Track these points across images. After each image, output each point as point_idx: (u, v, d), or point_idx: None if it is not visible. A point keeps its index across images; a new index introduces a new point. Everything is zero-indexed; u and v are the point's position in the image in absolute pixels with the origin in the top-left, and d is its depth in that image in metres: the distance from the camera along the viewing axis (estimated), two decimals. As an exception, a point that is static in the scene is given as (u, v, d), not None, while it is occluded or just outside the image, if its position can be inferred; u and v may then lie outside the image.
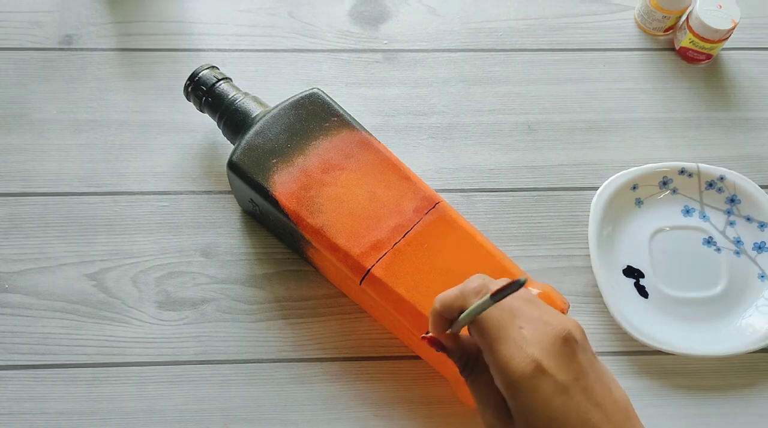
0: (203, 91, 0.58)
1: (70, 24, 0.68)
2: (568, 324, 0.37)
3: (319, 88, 0.57)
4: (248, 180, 0.54)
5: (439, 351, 0.41)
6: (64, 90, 0.65)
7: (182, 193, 0.62)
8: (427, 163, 0.64)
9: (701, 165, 0.62)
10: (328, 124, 0.55)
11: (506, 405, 0.37)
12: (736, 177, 0.61)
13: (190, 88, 0.59)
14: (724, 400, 0.56)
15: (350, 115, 0.56)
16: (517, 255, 0.60)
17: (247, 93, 0.58)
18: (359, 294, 0.54)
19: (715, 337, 0.57)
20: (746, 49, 0.71)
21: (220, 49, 0.68)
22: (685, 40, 0.68)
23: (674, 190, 0.62)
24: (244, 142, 0.54)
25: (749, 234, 0.61)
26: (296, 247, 0.57)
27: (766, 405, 0.56)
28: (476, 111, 0.67)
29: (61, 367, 0.55)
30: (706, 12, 0.65)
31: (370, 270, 0.51)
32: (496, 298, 0.35)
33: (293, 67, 0.68)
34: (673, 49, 0.71)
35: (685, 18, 0.68)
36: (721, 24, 0.65)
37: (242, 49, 0.68)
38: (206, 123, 0.62)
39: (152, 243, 0.59)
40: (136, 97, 0.65)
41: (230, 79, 0.60)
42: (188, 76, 0.59)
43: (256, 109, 0.57)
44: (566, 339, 0.36)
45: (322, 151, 0.54)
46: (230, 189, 0.59)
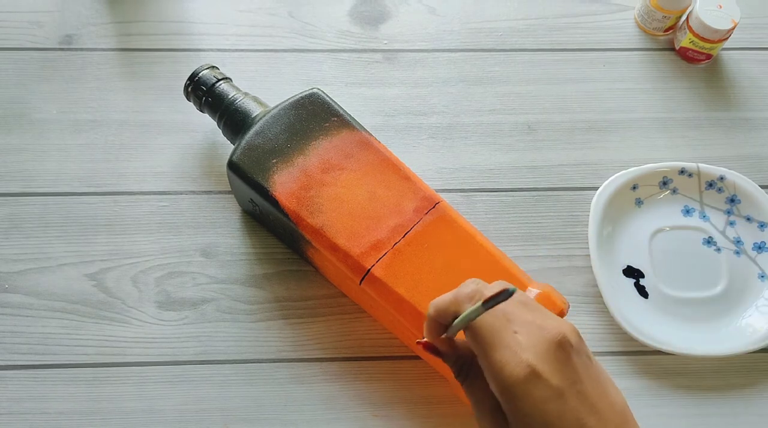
0: (203, 91, 0.58)
1: (70, 24, 0.68)
2: (563, 327, 0.37)
3: (319, 88, 0.57)
4: (248, 180, 0.54)
5: (434, 356, 0.41)
6: (64, 90, 0.65)
7: (182, 193, 0.62)
8: (427, 163, 0.64)
9: (701, 165, 0.62)
10: (328, 124, 0.55)
11: (501, 409, 0.37)
12: (736, 177, 0.61)
13: (190, 88, 0.59)
14: (724, 400, 0.56)
15: (350, 115, 0.56)
16: (517, 255, 0.60)
17: (247, 93, 0.58)
18: (359, 294, 0.54)
19: (715, 337, 0.57)
20: (746, 49, 0.71)
21: (220, 49, 0.68)
22: (685, 40, 0.68)
23: (674, 190, 0.62)
24: (244, 142, 0.54)
25: (749, 234, 0.61)
26: (296, 247, 0.57)
27: (766, 405, 0.56)
28: (476, 111, 0.67)
29: (61, 367, 0.55)
30: (706, 12, 0.65)
31: (370, 270, 0.51)
32: (487, 306, 0.35)
33: (293, 67, 0.68)
34: (673, 49, 0.71)
35: (685, 18, 0.68)
36: (721, 24, 0.65)
37: (242, 49, 0.68)
38: (206, 123, 0.62)
39: (152, 243, 0.59)
40: (136, 97, 0.65)
41: (230, 79, 0.60)
42: (188, 76, 0.59)
43: (256, 109, 0.57)
44: (561, 343, 0.36)
45: (322, 151, 0.54)
46: (230, 189, 0.59)
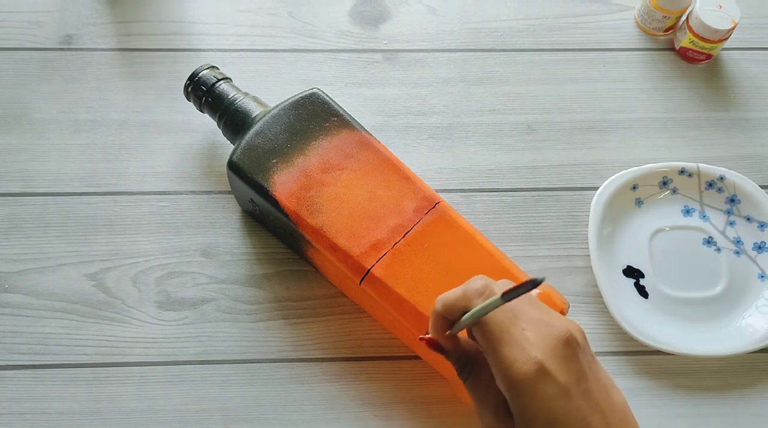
0: (203, 91, 0.58)
1: (70, 24, 0.68)
2: (569, 326, 0.37)
3: (319, 88, 0.57)
4: (248, 180, 0.54)
5: (437, 352, 0.41)
6: (64, 90, 0.65)
7: (182, 193, 0.62)
8: (427, 163, 0.64)
9: (701, 165, 0.62)
10: (328, 124, 0.55)
11: (506, 405, 0.37)
12: (736, 177, 0.61)
13: (190, 88, 0.59)
14: (724, 400, 0.56)
15: (350, 115, 0.56)
16: (517, 255, 0.60)
17: (247, 93, 0.58)
18: (359, 294, 0.54)
19: (715, 337, 0.57)
20: (746, 49, 0.71)
21: (220, 49, 0.68)
22: (685, 40, 0.68)
23: (674, 190, 0.62)
24: (244, 142, 0.54)
25: (749, 234, 0.61)
26: (296, 247, 0.57)
27: (766, 405, 0.56)
28: (476, 111, 0.67)
29: (61, 367, 0.55)
30: (706, 12, 0.65)
31: (370, 270, 0.51)
32: (507, 297, 0.34)
33: (293, 67, 0.68)
34: (673, 49, 0.71)
35: (685, 18, 0.68)
36: (721, 24, 0.65)
37: (242, 49, 0.68)
38: (206, 123, 0.62)
39: (152, 243, 0.59)
40: (136, 97, 0.65)
41: (230, 79, 0.60)
42: (188, 76, 0.59)
43: (256, 109, 0.57)
44: (568, 341, 0.36)
45: (322, 151, 0.54)
46: (230, 189, 0.59)
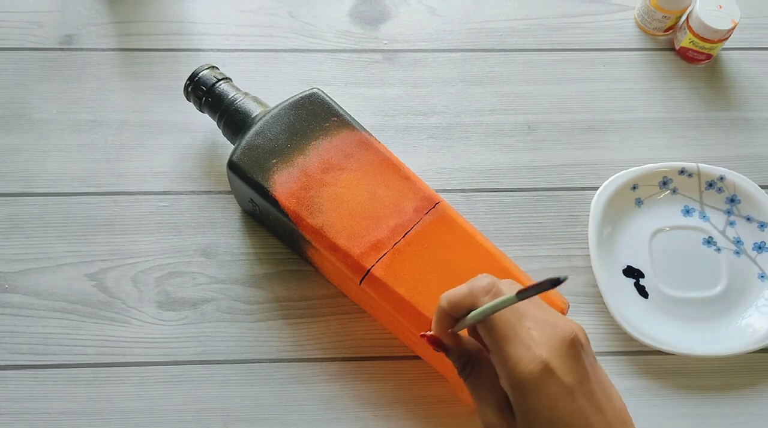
0: (203, 91, 0.58)
1: (70, 24, 0.68)
2: (574, 326, 0.37)
3: (319, 88, 0.57)
4: (248, 180, 0.54)
5: (438, 350, 0.41)
6: (64, 90, 0.65)
7: (182, 193, 0.62)
8: (427, 163, 0.64)
9: (701, 165, 0.62)
10: (328, 124, 0.55)
11: (508, 404, 0.37)
12: (736, 177, 0.61)
13: (190, 88, 0.59)
14: (724, 400, 0.56)
15: (350, 115, 0.56)
16: (517, 255, 0.60)
17: (247, 93, 0.58)
18: (359, 294, 0.54)
19: (715, 337, 0.57)
20: (746, 49, 0.71)
21: (220, 49, 0.68)
22: (685, 40, 0.68)
23: (674, 190, 0.62)
24: (244, 142, 0.54)
25: (749, 234, 0.61)
26: (296, 247, 0.57)
27: (766, 405, 0.56)
28: (476, 111, 0.67)
29: (61, 367, 0.55)
30: (706, 12, 0.65)
31: (370, 270, 0.51)
32: (522, 296, 0.34)
33: (293, 67, 0.68)
34: (673, 49, 0.71)
35: (685, 18, 0.68)
36: (721, 24, 0.65)
37: (242, 49, 0.68)
38: (206, 123, 0.62)
39: (152, 243, 0.59)
40: (136, 97, 0.65)
41: (230, 79, 0.60)
42: (188, 76, 0.59)
43: (256, 109, 0.57)
44: (573, 341, 0.36)
45: (322, 151, 0.54)
46: (230, 189, 0.59)
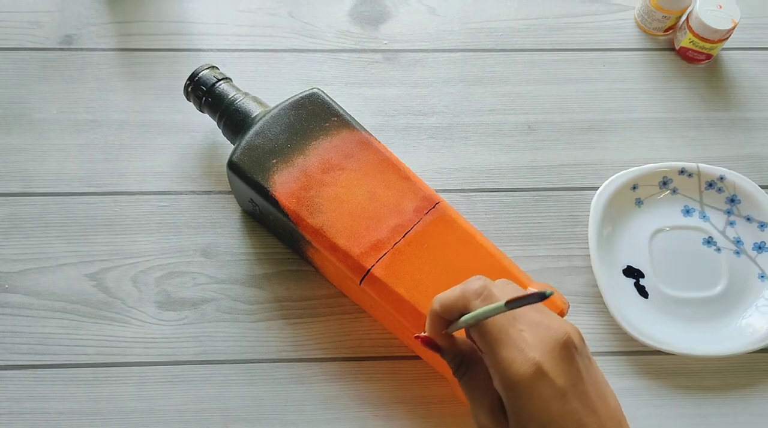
0: (203, 91, 0.58)
1: (70, 24, 0.68)
2: (567, 328, 0.37)
3: (319, 88, 0.57)
4: (248, 180, 0.54)
5: (433, 350, 0.41)
6: (64, 90, 0.65)
7: (182, 193, 0.62)
8: (427, 163, 0.64)
9: (701, 165, 0.62)
10: (328, 124, 0.55)
11: (501, 405, 0.37)
12: (736, 177, 0.61)
13: (190, 88, 0.59)
14: (723, 400, 0.56)
15: (350, 115, 0.56)
16: (517, 255, 0.60)
17: (247, 93, 0.58)
18: (359, 294, 0.54)
19: (715, 337, 0.57)
20: (746, 49, 0.71)
21: (220, 49, 0.68)
22: (685, 40, 0.68)
23: (674, 190, 0.62)
24: (244, 142, 0.54)
25: (749, 234, 0.61)
26: (296, 247, 0.57)
27: (766, 405, 0.56)
28: (476, 111, 0.67)
29: (61, 367, 0.55)
30: (706, 12, 0.65)
31: (370, 270, 0.51)
32: (511, 306, 0.34)
33: (293, 67, 0.68)
34: (673, 49, 0.71)
35: (685, 18, 0.68)
36: (721, 24, 0.65)
37: (242, 49, 0.68)
38: (206, 123, 0.62)
39: (152, 243, 0.59)
40: (136, 97, 0.65)
41: (230, 79, 0.60)
42: (188, 76, 0.59)
43: (256, 109, 0.57)
44: (566, 343, 0.36)
45: (322, 151, 0.54)
46: (230, 189, 0.59)
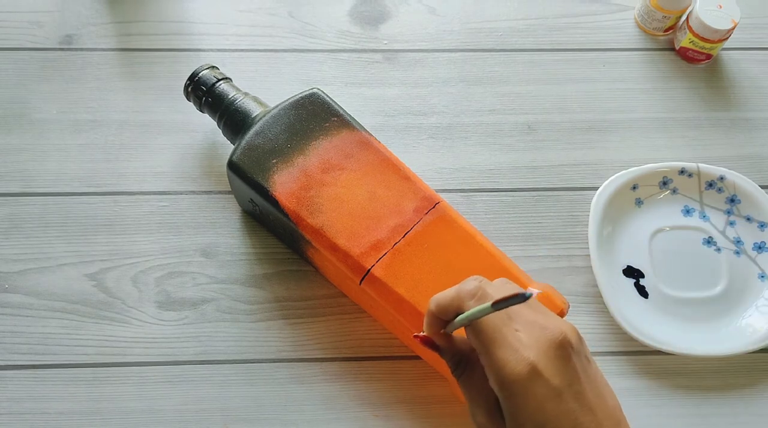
0: (203, 91, 0.58)
1: (70, 24, 0.68)
2: (564, 327, 0.37)
3: (319, 88, 0.57)
4: (248, 180, 0.54)
5: (431, 350, 0.41)
6: (64, 90, 0.65)
7: (182, 193, 0.62)
8: (427, 163, 0.64)
9: (701, 165, 0.62)
10: (328, 124, 0.55)
11: (498, 405, 0.37)
12: (736, 177, 0.61)
13: (190, 88, 0.59)
14: (723, 400, 0.56)
15: (350, 115, 0.56)
16: (517, 255, 0.60)
17: (247, 93, 0.58)
18: (359, 294, 0.54)
19: (715, 337, 0.57)
20: (746, 49, 0.71)
21: (220, 49, 0.68)
22: (685, 40, 0.68)
23: (674, 190, 0.62)
24: (244, 142, 0.54)
25: (749, 234, 0.61)
26: (296, 247, 0.57)
27: (766, 405, 0.56)
28: (476, 111, 0.67)
29: (61, 367, 0.55)
30: (706, 12, 0.65)
31: (370, 270, 0.51)
32: (497, 307, 0.35)
33: (293, 67, 0.68)
34: (673, 49, 0.71)
35: (685, 18, 0.68)
36: (721, 24, 0.65)
37: (242, 49, 0.68)
38: (206, 123, 0.62)
39: (152, 243, 0.59)
40: (136, 97, 0.65)
41: (230, 79, 0.60)
42: (188, 76, 0.59)
43: (256, 109, 0.57)
44: (562, 343, 0.36)
45: (322, 151, 0.54)
46: (230, 189, 0.59)
